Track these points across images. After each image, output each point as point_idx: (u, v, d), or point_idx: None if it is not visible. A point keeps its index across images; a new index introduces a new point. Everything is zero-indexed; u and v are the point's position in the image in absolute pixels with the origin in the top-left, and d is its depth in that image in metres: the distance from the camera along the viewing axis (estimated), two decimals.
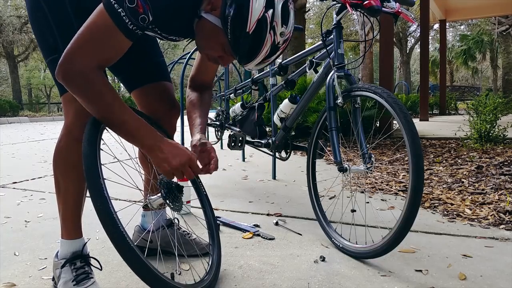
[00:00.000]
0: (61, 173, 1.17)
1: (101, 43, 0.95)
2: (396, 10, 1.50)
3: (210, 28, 1.00)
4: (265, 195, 2.37)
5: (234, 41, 0.97)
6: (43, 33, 1.13)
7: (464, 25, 25.74)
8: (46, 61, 1.14)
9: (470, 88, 17.56)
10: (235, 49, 0.99)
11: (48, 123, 12.64)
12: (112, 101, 0.97)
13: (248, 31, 0.94)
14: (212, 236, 1.36)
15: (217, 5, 0.97)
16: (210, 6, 0.98)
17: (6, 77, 27.08)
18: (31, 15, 1.14)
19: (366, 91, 1.40)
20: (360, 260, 1.40)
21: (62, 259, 1.18)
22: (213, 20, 0.98)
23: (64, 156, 1.16)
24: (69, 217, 1.20)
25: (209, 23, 0.99)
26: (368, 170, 1.42)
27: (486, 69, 29.82)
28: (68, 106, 1.13)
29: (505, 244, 1.53)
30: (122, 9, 0.91)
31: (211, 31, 1.00)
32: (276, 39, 0.98)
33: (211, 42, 1.03)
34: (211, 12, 0.98)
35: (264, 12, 0.94)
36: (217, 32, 0.99)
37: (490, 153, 3.49)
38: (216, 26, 0.98)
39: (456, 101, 11.70)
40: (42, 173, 3.25)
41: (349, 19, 17.39)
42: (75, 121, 1.12)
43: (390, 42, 5.29)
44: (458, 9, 10.51)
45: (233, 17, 0.94)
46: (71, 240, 1.20)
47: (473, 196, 2.19)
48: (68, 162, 1.15)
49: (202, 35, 1.03)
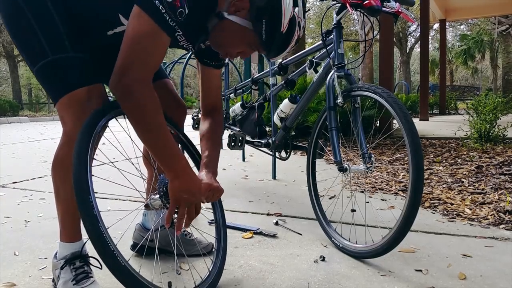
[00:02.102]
0: (61, 180, 1.15)
1: (151, 51, 0.97)
2: (396, 10, 1.50)
3: (236, 29, 1.05)
4: (265, 195, 2.37)
5: (268, 41, 1.04)
6: (28, 40, 1.08)
7: (464, 24, 25.74)
8: (35, 68, 1.09)
9: (470, 87, 17.55)
10: (268, 47, 1.07)
11: (48, 123, 12.64)
12: (163, 121, 1.00)
13: (282, 31, 1.03)
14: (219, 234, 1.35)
15: (241, 7, 1.03)
16: (233, 8, 1.03)
17: (6, 77, 27.08)
18: (12, 23, 1.09)
19: (366, 91, 1.40)
20: (360, 260, 1.40)
21: (61, 260, 1.18)
22: (239, 21, 1.04)
23: (65, 164, 1.12)
24: (69, 221, 1.19)
25: (235, 24, 1.04)
26: (368, 170, 1.42)
27: (486, 68, 29.82)
28: (65, 112, 1.09)
29: (505, 244, 1.53)
30: (162, 5, 0.93)
31: (237, 31, 1.05)
32: (300, 32, 1.09)
33: (236, 41, 1.08)
34: (235, 14, 1.03)
35: (293, 11, 1.03)
36: (244, 32, 1.05)
37: (490, 152, 3.49)
38: (243, 27, 1.04)
39: (456, 101, 11.71)
40: (42, 173, 3.25)
41: (349, 19, 17.39)
42: (74, 129, 1.08)
43: (390, 42, 5.29)
44: (458, 9, 10.51)
45: (268, 20, 1.01)
46: (72, 243, 1.19)
47: (473, 196, 2.19)
48: (69, 169, 1.12)
49: (225, 34, 1.07)
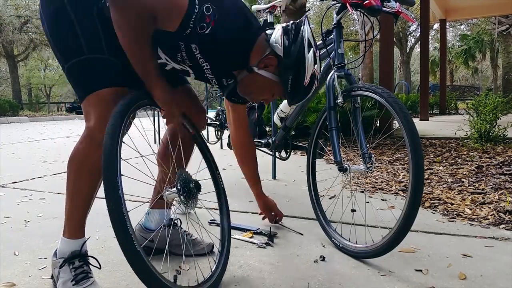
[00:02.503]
0: (75, 174, 1.17)
1: None
2: (396, 10, 1.50)
3: (264, 81, 1.24)
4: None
5: (291, 92, 1.25)
6: (66, 38, 1.13)
7: (464, 24, 25.71)
8: (68, 64, 1.14)
9: (470, 87, 17.56)
10: (291, 97, 1.28)
11: (48, 123, 12.64)
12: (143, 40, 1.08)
13: (304, 84, 1.23)
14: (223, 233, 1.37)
15: (270, 64, 1.22)
16: (263, 65, 1.22)
17: (6, 76, 27.06)
18: (53, 21, 1.15)
19: (366, 90, 1.40)
20: (360, 260, 1.40)
21: (60, 258, 1.18)
22: (268, 75, 1.23)
23: (82, 159, 1.15)
24: (75, 216, 1.20)
25: (263, 77, 1.23)
26: (368, 169, 1.42)
27: (486, 68, 29.81)
28: (91, 109, 1.13)
29: (505, 244, 1.53)
30: (199, 7, 1.07)
31: (265, 83, 1.24)
32: (317, 83, 1.30)
33: (263, 91, 1.28)
34: (264, 69, 1.22)
35: (313, 68, 1.23)
36: (271, 84, 1.25)
37: (490, 152, 3.49)
38: (271, 80, 1.24)
39: (456, 101, 11.70)
40: (42, 173, 3.25)
41: (349, 18, 17.38)
42: (98, 126, 1.11)
43: (390, 41, 5.29)
44: (458, 9, 10.50)
45: (293, 75, 1.22)
46: (72, 240, 1.20)
47: (473, 195, 2.18)
48: (85, 165, 1.15)
49: (253, 85, 1.26)
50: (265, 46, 1.23)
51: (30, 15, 19.77)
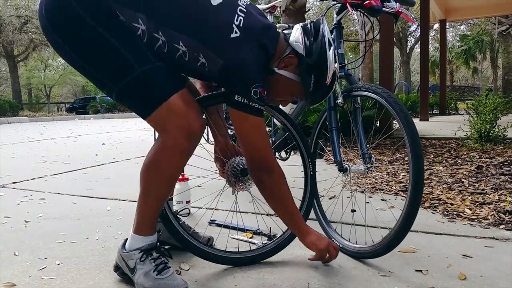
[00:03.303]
0: (156, 181, 1.17)
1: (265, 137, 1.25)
2: (396, 10, 1.50)
3: (284, 81, 1.23)
4: None
5: (314, 91, 1.24)
6: (107, 58, 1.08)
7: (464, 25, 25.73)
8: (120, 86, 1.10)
9: (470, 88, 17.57)
10: (313, 97, 1.27)
11: (48, 123, 12.64)
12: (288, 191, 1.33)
13: (326, 83, 1.23)
14: None
15: (290, 63, 1.21)
16: (283, 64, 1.22)
17: (6, 77, 27.07)
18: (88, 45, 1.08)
19: (367, 91, 1.40)
20: (360, 260, 1.40)
21: (135, 250, 1.18)
22: (289, 75, 1.22)
23: (162, 167, 1.14)
24: (150, 216, 1.21)
25: (284, 77, 1.22)
26: (368, 170, 1.42)
27: (486, 69, 29.81)
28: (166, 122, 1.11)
29: (505, 244, 1.53)
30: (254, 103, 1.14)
31: (285, 83, 1.24)
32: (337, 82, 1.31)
33: (283, 91, 1.27)
34: (284, 69, 1.22)
35: (334, 66, 1.22)
36: (292, 84, 1.24)
37: (490, 153, 3.49)
38: (291, 80, 1.23)
39: (456, 101, 11.69)
40: (42, 173, 3.25)
41: (349, 19, 17.39)
42: (180, 135, 1.10)
43: (390, 42, 5.29)
44: (458, 9, 10.50)
45: (316, 74, 1.21)
46: (146, 236, 1.21)
47: (473, 196, 2.18)
48: (166, 173, 1.15)
49: (273, 85, 1.24)
50: (285, 46, 1.23)
51: (30, 15, 19.78)
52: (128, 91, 1.11)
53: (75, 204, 2.25)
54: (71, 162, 3.80)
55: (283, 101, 1.32)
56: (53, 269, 1.35)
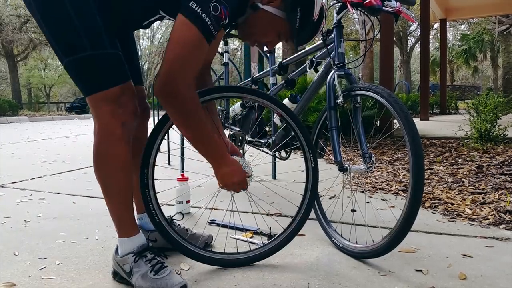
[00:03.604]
0: (108, 175, 1.15)
1: (195, 58, 1.04)
2: (396, 9, 1.49)
3: (269, 18, 1.15)
4: (265, 195, 2.37)
5: (300, 28, 1.15)
6: (61, 29, 1.06)
7: (464, 24, 25.70)
8: (68, 59, 1.08)
9: (470, 87, 17.54)
10: (300, 35, 1.18)
11: (47, 123, 12.64)
12: (203, 117, 1.09)
13: (313, 19, 1.15)
14: None
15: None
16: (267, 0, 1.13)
17: (5, 76, 27.06)
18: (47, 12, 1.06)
19: (367, 90, 1.40)
20: (360, 260, 1.40)
21: (128, 254, 1.17)
22: (273, 11, 1.14)
23: (109, 159, 1.13)
24: (125, 214, 1.19)
25: (269, 13, 1.14)
26: (369, 169, 1.42)
27: (486, 68, 29.80)
28: (102, 106, 1.09)
29: (505, 244, 1.53)
30: (208, 18, 1.01)
31: (270, 20, 1.15)
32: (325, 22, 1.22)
33: (267, 30, 1.18)
34: (269, 4, 1.13)
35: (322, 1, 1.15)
36: (277, 21, 1.15)
37: (491, 152, 3.48)
38: (276, 16, 1.14)
39: (456, 101, 11.70)
40: (42, 172, 3.24)
41: (349, 18, 17.38)
42: (115, 121, 1.09)
43: (391, 41, 5.29)
44: (459, 8, 10.50)
45: (302, 8, 1.12)
46: (132, 237, 1.20)
47: (473, 195, 2.18)
48: (115, 163, 1.13)
49: (257, 23, 1.16)
50: None
51: (30, 15, 19.74)
52: (76, 67, 1.09)
53: (74, 203, 2.24)
54: (70, 162, 3.80)
55: (269, 42, 1.23)
56: (53, 269, 1.35)
